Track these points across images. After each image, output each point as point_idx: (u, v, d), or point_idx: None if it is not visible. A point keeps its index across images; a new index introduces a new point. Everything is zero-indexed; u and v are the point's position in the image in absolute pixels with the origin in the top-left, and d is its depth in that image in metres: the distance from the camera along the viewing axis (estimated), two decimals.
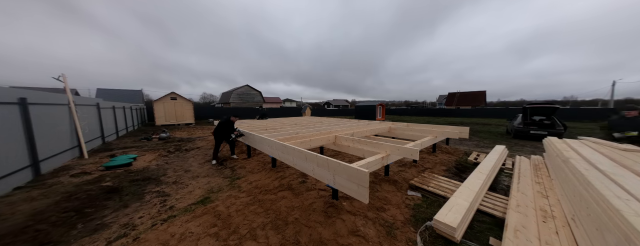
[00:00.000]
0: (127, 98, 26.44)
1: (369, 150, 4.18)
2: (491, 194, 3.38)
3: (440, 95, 61.72)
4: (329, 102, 79.31)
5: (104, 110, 9.08)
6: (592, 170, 2.67)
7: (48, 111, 5.23)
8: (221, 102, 41.56)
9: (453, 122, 18.85)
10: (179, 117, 17.63)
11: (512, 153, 6.53)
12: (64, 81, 6.34)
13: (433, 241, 2.35)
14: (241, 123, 9.19)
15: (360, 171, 2.41)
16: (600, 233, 1.82)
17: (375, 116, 21.07)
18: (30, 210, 3.08)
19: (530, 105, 10.09)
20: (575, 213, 2.44)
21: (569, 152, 3.73)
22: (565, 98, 75.94)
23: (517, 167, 4.50)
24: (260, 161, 5.33)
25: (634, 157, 3.19)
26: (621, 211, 1.67)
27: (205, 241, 2.37)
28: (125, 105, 12.98)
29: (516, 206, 2.75)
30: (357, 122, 8.81)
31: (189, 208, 3.17)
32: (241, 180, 4.18)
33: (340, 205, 2.96)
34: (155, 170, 5.07)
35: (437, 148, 6.48)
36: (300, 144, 4.35)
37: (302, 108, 24.72)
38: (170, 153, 6.78)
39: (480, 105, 40.99)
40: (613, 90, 30.47)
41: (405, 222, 2.71)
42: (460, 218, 2.43)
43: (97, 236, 2.56)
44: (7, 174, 3.81)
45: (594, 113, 21.44)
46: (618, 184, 2.17)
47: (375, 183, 3.76)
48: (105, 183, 4.13)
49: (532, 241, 2.15)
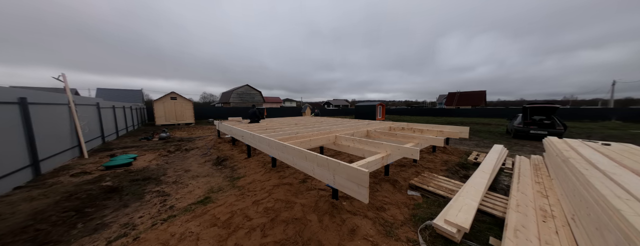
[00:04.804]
0: (127, 98, 26.43)
1: (369, 150, 4.18)
2: (491, 194, 3.38)
3: (440, 95, 61.71)
4: (329, 102, 79.32)
5: (104, 110, 9.08)
6: (592, 170, 2.67)
7: (48, 111, 5.23)
8: (221, 102, 41.58)
9: (453, 122, 18.85)
10: (179, 116, 17.64)
11: (512, 153, 6.54)
12: (64, 81, 6.34)
13: (433, 241, 2.35)
14: (240, 122, 9.19)
15: (360, 171, 2.40)
16: (600, 233, 1.82)
17: (375, 116, 21.09)
18: (31, 210, 3.08)
19: (530, 104, 10.10)
20: (575, 212, 2.44)
21: (568, 151, 3.73)
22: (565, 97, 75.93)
23: (517, 166, 4.50)
24: (260, 161, 5.33)
25: (634, 157, 3.19)
26: (621, 211, 1.67)
27: (206, 241, 2.37)
28: (125, 104, 12.97)
29: (516, 206, 2.75)
30: (357, 122, 8.81)
31: (189, 207, 3.17)
32: (241, 180, 4.18)
33: (340, 205, 2.96)
34: (155, 169, 5.08)
35: (437, 148, 6.48)
36: (300, 144, 4.35)
37: (302, 108, 24.73)
38: (170, 153, 6.79)
39: (480, 104, 40.98)
40: (613, 90, 30.49)
41: (405, 222, 2.71)
42: (471, 218, 2.43)
43: (97, 235, 2.56)
44: (7, 174, 3.81)
45: (594, 113, 21.45)
46: (618, 184, 2.17)
47: (375, 183, 3.77)
48: (105, 182, 4.13)
49: (532, 241, 2.15)
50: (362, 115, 21.90)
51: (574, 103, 56.12)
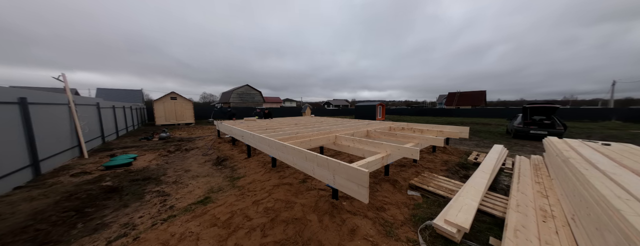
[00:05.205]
0: (127, 98, 26.45)
1: (369, 150, 4.18)
2: (491, 194, 3.38)
3: (440, 95, 61.74)
4: (329, 102, 79.37)
5: (104, 110, 9.08)
6: (592, 170, 2.67)
7: (48, 111, 5.23)
8: (221, 102, 41.60)
9: (453, 122, 18.85)
10: (179, 116, 17.65)
11: (512, 153, 6.54)
12: (64, 81, 6.34)
13: (433, 241, 2.35)
14: (240, 123, 9.19)
15: (360, 171, 2.40)
16: (600, 233, 1.82)
17: (375, 116, 21.10)
18: (31, 210, 3.08)
19: (530, 105, 10.11)
20: (575, 212, 2.44)
21: (569, 151, 3.73)
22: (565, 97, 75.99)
23: (517, 166, 4.50)
24: (260, 161, 5.33)
25: (634, 157, 3.19)
26: (621, 211, 1.68)
27: (206, 241, 2.37)
28: (125, 104, 12.98)
29: (516, 206, 2.75)
30: (357, 122, 8.81)
31: (189, 207, 3.17)
32: (241, 180, 4.18)
33: (340, 205, 2.96)
34: (155, 169, 5.08)
35: (437, 148, 6.49)
36: (301, 144, 4.34)
37: (302, 108, 24.73)
38: (170, 153, 6.79)
39: (480, 104, 41.00)
40: (613, 90, 30.49)
41: (405, 222, 2.71)
42: (471, 218, 2.43)
43: (97, 235, 2.56)
44: (8, 174, 3.81)
45: (594, 113, 21.45)
46: (618, 184, 2.17)
47: (375, 183, 3.77)
48: (105, 182, 4.13)
49: (532, 241, 2.15)
50: (362, 115, 21.91)
51: (574, 103, 56.16)
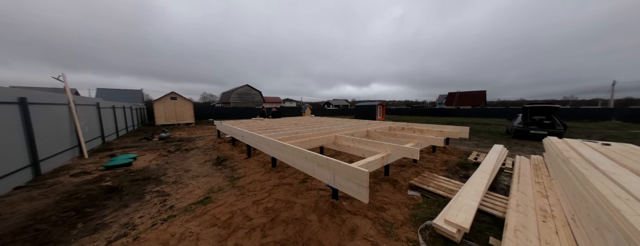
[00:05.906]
0: (127, 98, 26.45)
1: (369, 150, 4.18)
2: (491, 194, 3.38)
3: (440, 95, 61.74)
4: (329, 102, 79.39)
5: (104, 110, 9.08)
6: (592, 170, 2.67)
7: (48, 111, 5.23)
8: (221, 102, 41.61)
9: (453, 122, 18.86)
10: (179, 116, 17.64)
11: (512, 153, 6.54)
12: (64, 81, 6.34)
13: (433, 241, 2.35)
14: (240, 123, 9.19)
15: (360, 171, 2.40)
16: (600, 233, 1.82)
17: (375, 116, 21.10)
18: (31, 210, 3.08)
19: (530, 105, 10.11)
20: (575, 212, 2.44)
21: (569, 151, 3.73)
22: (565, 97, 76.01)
23: (517, 166, 4.50)
24: (260, 161, 5.33)
25: (634, 157, 3.19)
26: (621, 211, 1.68)
27: (206, 241, 2.37)
28: (125, 104, 12.97)
29: (516, 206, 2.75)
30: (357, 122, 8.81)
31: (189, 207, 3.17)
32: (241, 180, 4.18)
33: (340, 205, 2.96)
34: (155, 169, 5.08)
35: (437, 148, 6.49)
36: (301, 144, 4.34)
37: (302, 108, 24.73)
38: (171, 153, 6.79)
39: (480, 104, 41.00)
40: (613, 90, 30.50)
41: (405, 222, 2.71)
42: (471, 218, 2.43)
43: (97, 235, 2.56)
44: (7, 174, 3.81)
45: (594, 113, 21.45)
46: (618, 184, 2.17)
47: (375, 183, 3.77)
48: (105, 182, 4.13)
49: (532, 240, 2.15)
50: (362, 115, 21.92)
51: (574, 103, 56.17)
